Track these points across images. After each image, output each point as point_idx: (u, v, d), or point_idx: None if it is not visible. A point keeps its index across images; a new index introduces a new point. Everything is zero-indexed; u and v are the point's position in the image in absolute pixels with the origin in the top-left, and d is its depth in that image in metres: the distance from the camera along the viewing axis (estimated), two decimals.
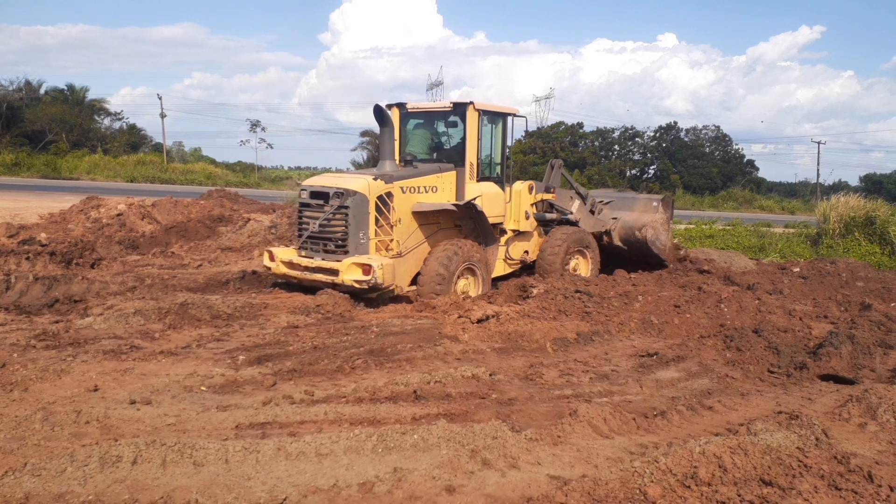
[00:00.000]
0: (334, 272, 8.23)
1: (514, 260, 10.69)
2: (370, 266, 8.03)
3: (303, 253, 8.79)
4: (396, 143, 9.97)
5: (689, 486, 3.33)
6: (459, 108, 9.72)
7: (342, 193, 8.42)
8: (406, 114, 10.37)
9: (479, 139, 9.80)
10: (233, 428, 4.06)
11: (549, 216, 11.27)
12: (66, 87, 53.31)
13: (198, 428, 4.04)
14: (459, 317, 7.35)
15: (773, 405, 5.11)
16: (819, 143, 64.39)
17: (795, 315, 8.25)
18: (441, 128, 10.60)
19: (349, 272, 8.12)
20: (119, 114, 57.30)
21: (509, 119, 10.42)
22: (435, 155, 10.41)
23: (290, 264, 8.73)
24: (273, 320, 7.02)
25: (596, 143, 64.44)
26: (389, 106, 10.12)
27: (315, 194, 8.74)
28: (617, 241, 11.83)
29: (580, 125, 64.07)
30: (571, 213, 11.58)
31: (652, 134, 65.96)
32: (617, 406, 4.72)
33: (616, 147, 65.34)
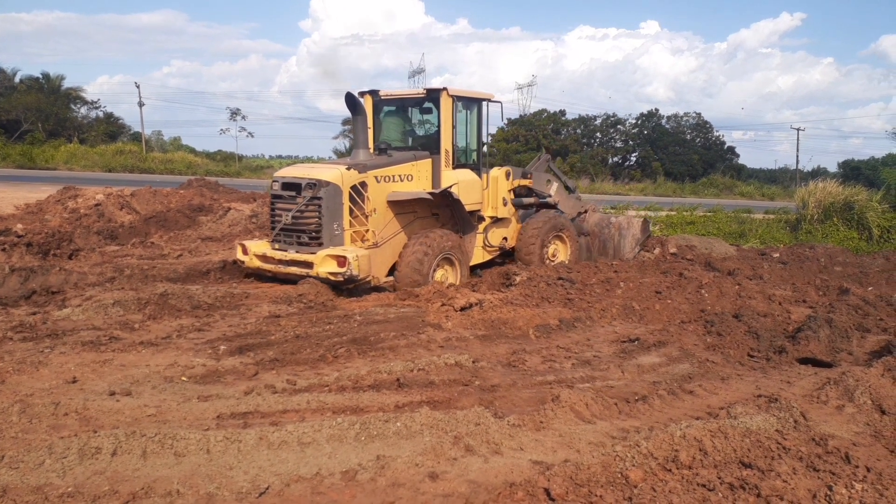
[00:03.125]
0: (309, 265, 8.12)
1: (492, 247, 10.63)
2: (345, 258, 7.91)
3: (276, 246, 8.65)
4: (371, 132, 9.85)
5: (669, 470, 3.36)
6: (433, 95, 9.60)
7: (315, 184, 8.27)
8: (379, 101, 10.20)
9: (453, 126, 9.67)
10: (214, 418, 4.04)
11: (526, 200, 11.25)
12: (41, 76, 52.37)
13: (179, 418, 4.01)
14: (443, 305, 7.35)
15: (752, 389, 5.17)
16: (798, 129, 65.08)
17: (775, 300, 8.34)
18: (415, 115, 10.48)
19: (324, 264, 8.00)
20: (96, 102, 56.44)
21: (484, 105, 10.26)
22: (410, 142, 10.30)
23: (264, 257, 8.61)
24: (254, 310, 6.97)
25: (578, 131, 64.53)
26: (362, 94, 9.99)
27: (287, 185, 8.58)
28: (591, 224, 12.25)
29: (562, 113, 64.05)
30: (550, 195, 11.64)
31: (634, 121, 66.15)
32: (599, 391, 4.74)
33: (598, 134, 65.48)
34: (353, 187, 8.45)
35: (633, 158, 65.53)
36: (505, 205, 10.65)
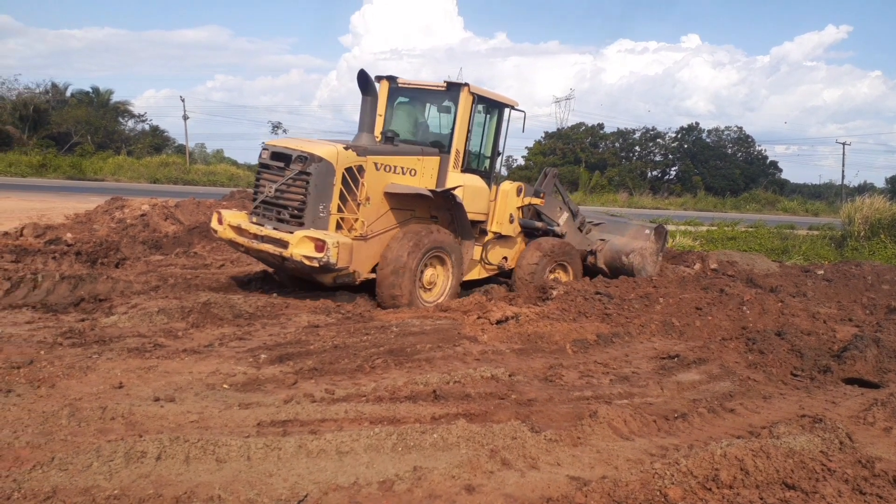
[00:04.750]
0: (284, 244, 7.40)
1: (491, 265, 9.90)
2: (324, 242, 7.20)
3: (254, 219, 7.97)
4: (381, 120, 9.31)
5: (710, 489, 3.31)
6: (453, 89, 8.95)
7: (306, 158, 7.58)
8: (395, 89, 9.54)
9: (469, 126, 8.98)
10: (255, 425, 4.10)
11: (535, 224, 10.48)
12: (91, 90, 54.16)
13: (220, 425, 4.09)
14: (478, 318, 7.36)
15: (796, 408, 5.06)
16: (844, 144, 63.71)
17: (819, 318, 8.15)
18: (432, 110, 9.79)
19: (300, 246, 7.27)
20: (143, 116, 58.07)
21: (506, 111, 9.60)
22: (420, 137, 9.59)
23: (238, 229, 7.94)
24: (294, 320, 7.07)
25: (616, 145, 64.17)
26: (379, 78, 9.47)
27: (276, 155, 7.90)
28: (601, 264, 10.99)
29: (601, 126, 63.82)
30: (559, 224, 10.77)
31: (673, 135, 65.54)
32: (637, 408, 4.70)
33: (637, 148, 65.02)
34: (349, 169, 7.76)
35: (673, 172, 64.87)
36: (511, 222, 9.89)
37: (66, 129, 47.94)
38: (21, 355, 5.12)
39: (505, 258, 10.11)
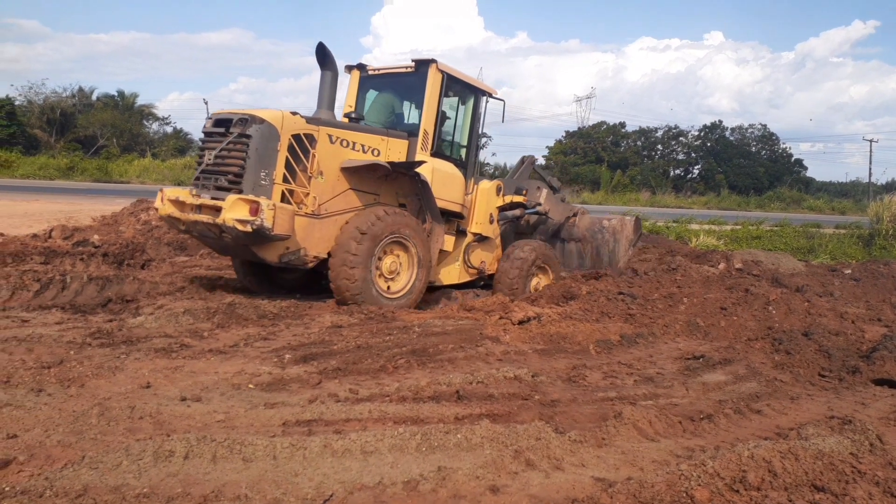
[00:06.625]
0: (218, 210, 6.92)
1: (473, 268, 9.60)
2: (258, 203, 6.71)
3: (193, 191, 7.46)
4: (350, 110, 8.93)
5: (737, 491, 3.27)
6: (421, 67, 8.51)
7: (246, 120, 7.12)
8: (366, 78, 9.16)
9: (438, 105, 8.49)
10: (280, 425, 4.14)
11: (511, 213, 10.24)
12: (116, 94, 55.08)
13: (246, 425, 4.13)
14: (500, 318, 7.35)
15: (824, 409, 4.99)
16: (871, 141, 62.77)
17: (847, 318, 8.03)
18: (405, 98, 9.37)
19: (233, 209, 6.75)
20: (167, 118, 59.04)
21: (483, 99, 9.19)
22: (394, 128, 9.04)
23: (177, 203, 7.48)
24: (318, 320, 7.12)
25: (638, 143, 63.77)
26: (350, 67, 9.21)
27: (219, 122, 7.45)
28: (581, 228, 11.44)
29: (622, 125, 63.47)
30: (540, 203, 10.69)
31: (696, 133, 64.93)
32: (662, 409, 4.66)
33: (659, 147, 64.56)
34: (296, 136, 7.26)
35: (696, 171, 64.25)
36: (491, 222, 9.54)
37: (93, 133, 48.77)
38: (51, 355, 5.21)
39: (483, 262, 9.79)
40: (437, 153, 8.69)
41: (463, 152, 9.36)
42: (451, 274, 9.43)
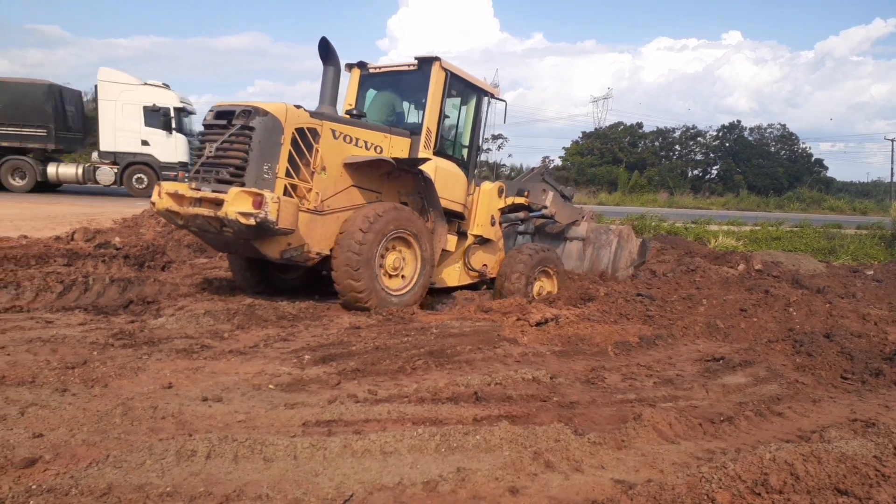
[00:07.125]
0: (219, 203, 6.78)
1: (475, 271, 9.50)
2: (262, 196, 6.59)
3: (193, 185, 7.32)
4: (354, 104, 8.83)
5: (759, 493, 3.25)
6: (425, 65, 8.43)
7: (249, 112, 7.01)
8: (367, 76, 9.09)
9: (442, 104, 8.43)
10: (300, 425, 4.17)
11: (514, 216, 10.14)
12: None
13: (267, 425, 4.17)
14: (518, 319, 7.34)
15: (847, 412, 4.94)
16: (893, 140, 61.74)
17: (870, 319, 7.93)
18: (407, 97, 9.27)
19: (235, 202, 6.62)
20: None
21: (486, 99, 9.12)
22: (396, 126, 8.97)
23: (176, 196, 7.31)
24: (336, 321, 7.16)
25: (656, 144, 63.39)
26: (350, 66, 9.14)
27: (220, 114, 7.33)
28: (586, 228, 11.27)
29: (639, 125, 63.13)
30: (546, 206, 10.52)
31: (714, 133, 64.40)
32: (682, 411, 4.64)
33: (677, 147, 64.12)
34: (300, 130, 7.15)
35: (714, 171, 63.73)
36: (493, 224, 9.46)
37: None
38: (75, 356, 5.29)
39: (485, 265, 9.67)
40: (439, 152, 8.65)
41: (465, 152, 9.32)
42: (452, 276, 9.35)
